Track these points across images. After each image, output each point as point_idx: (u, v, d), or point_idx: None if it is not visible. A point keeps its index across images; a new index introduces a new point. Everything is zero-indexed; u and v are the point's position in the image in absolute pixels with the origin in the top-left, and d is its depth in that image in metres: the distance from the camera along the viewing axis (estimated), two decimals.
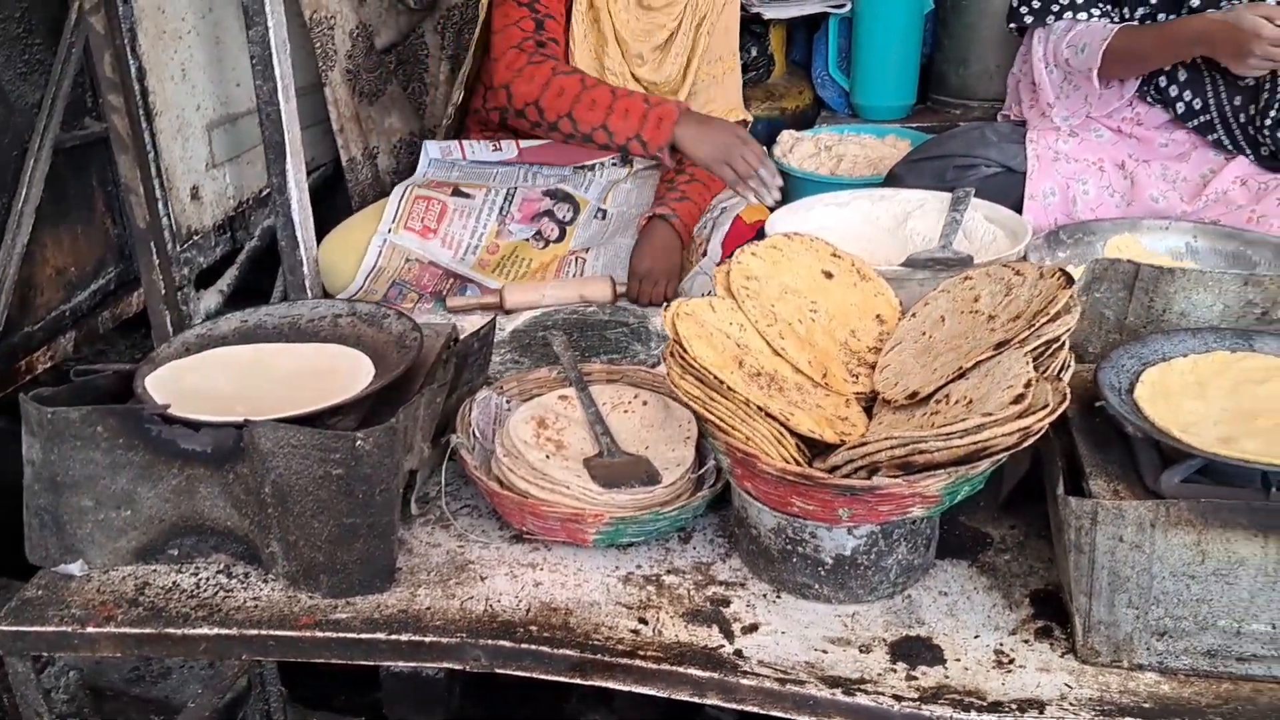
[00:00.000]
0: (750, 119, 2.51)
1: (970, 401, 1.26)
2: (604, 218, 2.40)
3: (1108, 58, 2.12)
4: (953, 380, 1.33)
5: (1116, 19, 2.20)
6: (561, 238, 2.36)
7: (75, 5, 1.81)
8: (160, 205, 1.92)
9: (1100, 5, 2.21)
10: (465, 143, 2.33)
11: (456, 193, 2.32)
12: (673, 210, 2.21)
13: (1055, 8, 2.23)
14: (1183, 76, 2.17)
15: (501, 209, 2.33)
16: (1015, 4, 2.29)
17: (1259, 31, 1.91)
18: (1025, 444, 1.22)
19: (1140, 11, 2.17)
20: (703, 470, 1.53)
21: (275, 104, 2.05)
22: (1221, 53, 2.01)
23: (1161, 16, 2.15)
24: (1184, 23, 2.07)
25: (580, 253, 2.33)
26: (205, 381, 1.53)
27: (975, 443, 1.18)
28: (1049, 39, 2.25)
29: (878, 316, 1.55)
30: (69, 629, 1.35)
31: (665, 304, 1.46)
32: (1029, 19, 2.26)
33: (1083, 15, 2.20)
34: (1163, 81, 2.20)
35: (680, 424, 1.60)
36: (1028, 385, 1.21)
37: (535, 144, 2.35)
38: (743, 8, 3.11)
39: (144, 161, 1.83)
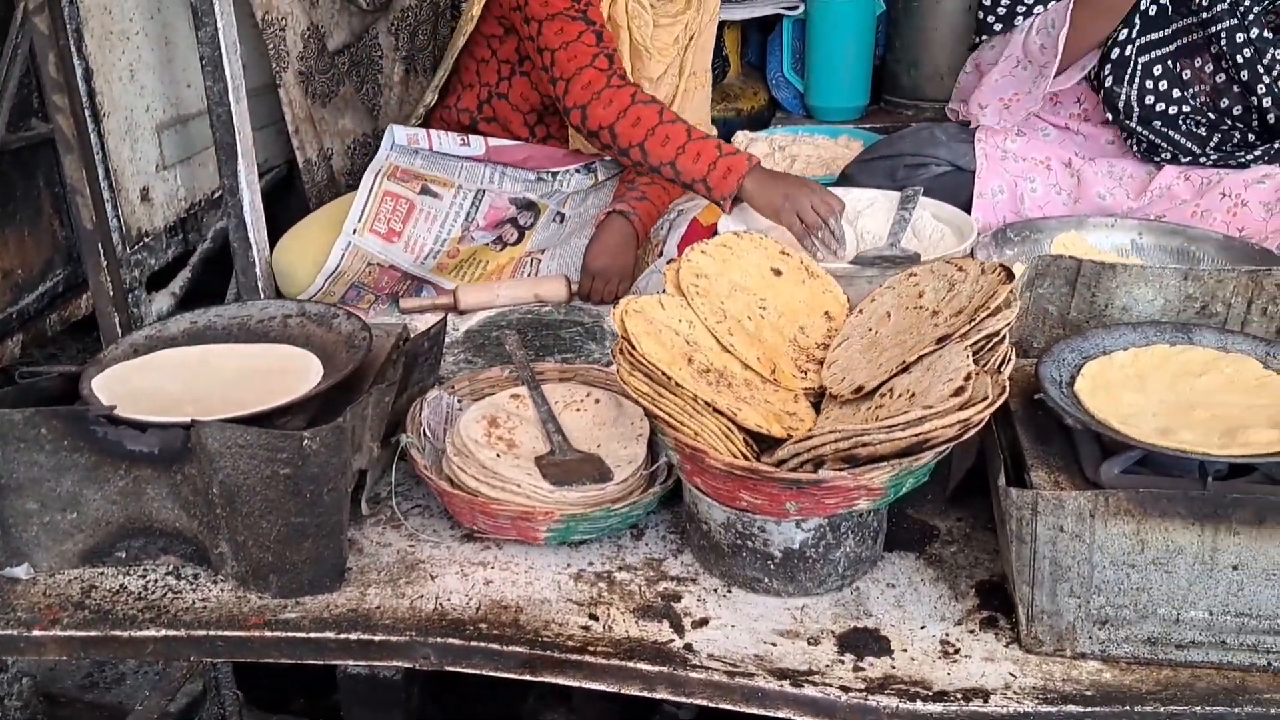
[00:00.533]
0: (715, 132, 2.52)
1: (913, 395, 1.28)
2: (562, 221, 2.40)
3: (1074, 20, 2.10)
4: (896, 375, 1.34)
5: None
6: (520, 241, 2.36)
7: (20, 6, 1.79)
8: (108, 206, 1.90)
9: None
10: (433, 133, 2.32)
11: (425, 190, 2.30)
12: (631, 208, 2.21)
13: (1020, 9, 2.24)
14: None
15: (468, 214, 2.32)
16: (981, 15, 2.30)
17: None
18: (965, 436, 1.24)
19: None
20: (654, 467, 1.54)
21: (226, 105, 2.04)
22: None
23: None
24: None
25: (536, 254, 2.33)
26: (153, 383, 1.52)
27: (917, 435, 1.20)
28: (1019, 40, 2.24)
29: (826, 313, 1.57)
30: (14, 633, 1.33)
31: (615, 301, 1.47)
32: (998, 26, 2.27)
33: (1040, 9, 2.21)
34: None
35: (632, 421, 1.61)
36: (968, 378, 1.23)
37: (504, 144, 2.35)
38: None
39: (90, 162, 1.82)
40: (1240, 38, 2.10)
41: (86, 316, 2.12)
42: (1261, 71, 2.10)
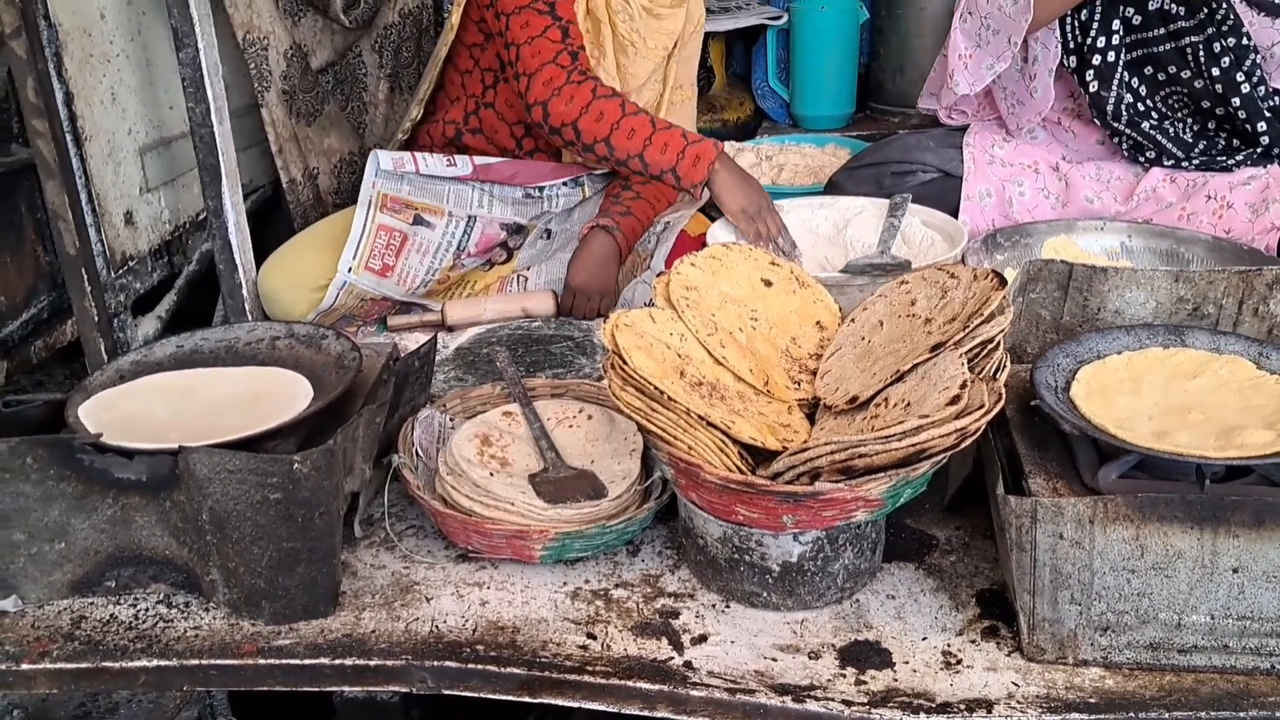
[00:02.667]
0: None
1: (908, 404, 1.27)
2: (549, 237, 2.39)
3: None
4: (891, 384, 1.33)
5: None
6: (508, 260, 2.35)
7: None
8: (91, 231, 1.88)
9: None
10: (419, 155, 2.29)
11: (418, 220, 2.28)
12: (615, 223, 2.19)
13: None
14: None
15: (460, 244, 2.30)
16: None
17: None
18: (963, 444, 1.23)
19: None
20: (649, 482, 1.52)
21: (209, 126, 2.03)
22: None
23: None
24: None
25: (522, 271, 2.32)
26: (140, 409, 1.51)
27: (914, 444, 1.19)
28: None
29: (818, 323, 1.56)
30: (3, 666, 1.31)
31: (601, 317, 1.46)
32: None
33: None
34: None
35: (625, 437, 1.59)
36: (963, 386, 1.22)
37: (489, 161, 2.34)
38: None
39: (73, 187, 1.80)
40: (1217, 46, 2.10)
41: (72, 342, 2.10)
42: (1241, 80, 2.10)
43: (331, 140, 2.57)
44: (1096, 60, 2.17)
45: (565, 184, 2.41)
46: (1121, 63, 2.17)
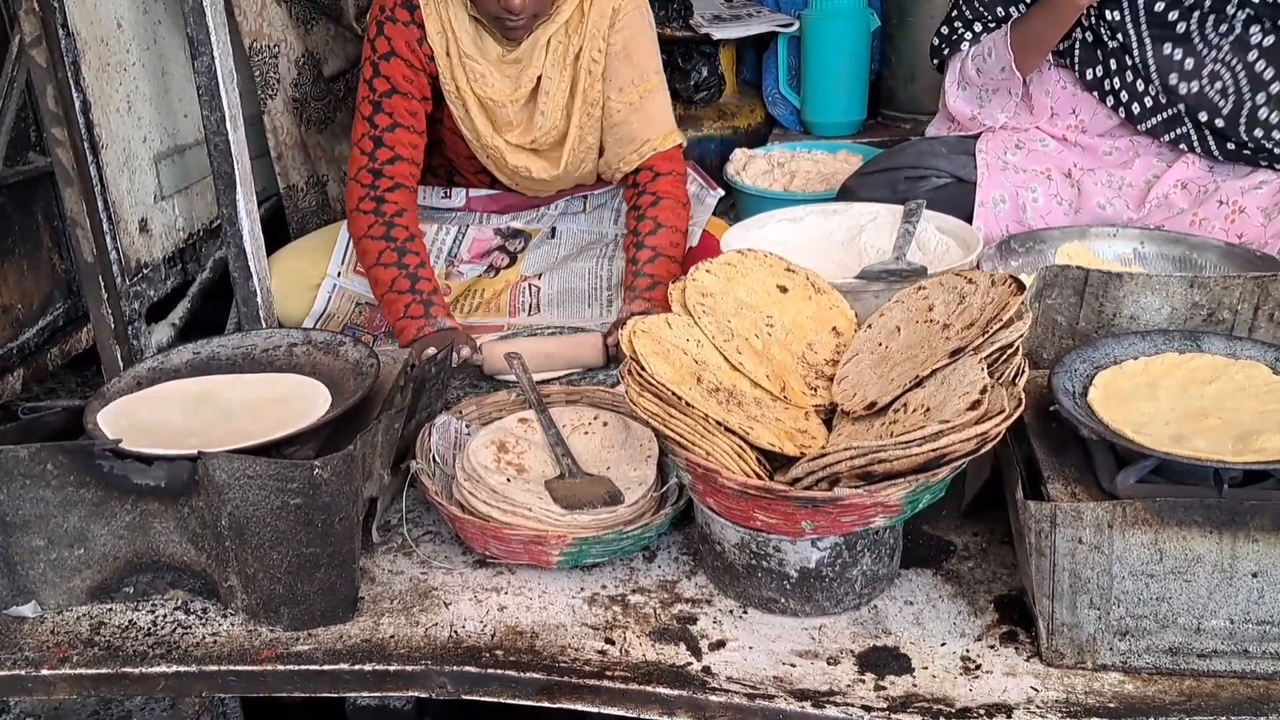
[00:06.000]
0: (684, 142, 2.30)
1: (927, 409, 1.27)
2: (554, 235, 2.38)
3: (1015, 50, 2.19)
4: (910, 389, 1.33)
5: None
6: (513, 264, 2.35)
7: (15, 39, 1.79)
8: (108, 239, 1.89)
9: (991, 14, 2.27)
10: (419, 188, 2.31)
11: None
12: (648, 304, 2.04)
13: (960, 31, 2.31)
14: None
15: (450, 251, 2.31)
16: (935, 44, 2.39)
17: None
18: (983, 450, 1.23)
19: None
20: (665, 488, 1.52)
21: (223, 134, 2.03)
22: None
23: None
24: None
25: (532, 279, 2.31)
26: (158, 415, 1.51)
27: (934, 450, 1.19)
28: (959, 65, 2.34)
29: (834, 329, 1.56)
30: (22, 672, 1.32)
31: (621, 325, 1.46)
32: (945, 51, 2.35)
33: (977, 27, 2.29)
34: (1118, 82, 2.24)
35: (641, 443, 1.60)
36: (983, 391, 1.22)
37: (484, 193, 2.34)
38: (690, 29, 3.14)
39: (90, 195, 1.81)
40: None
41: (87, 350, 2.11)
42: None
43: (342, 147, 2.58)
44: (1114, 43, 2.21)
45: (566, 199, 2.40)
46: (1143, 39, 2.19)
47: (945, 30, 2.37)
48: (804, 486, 1.26)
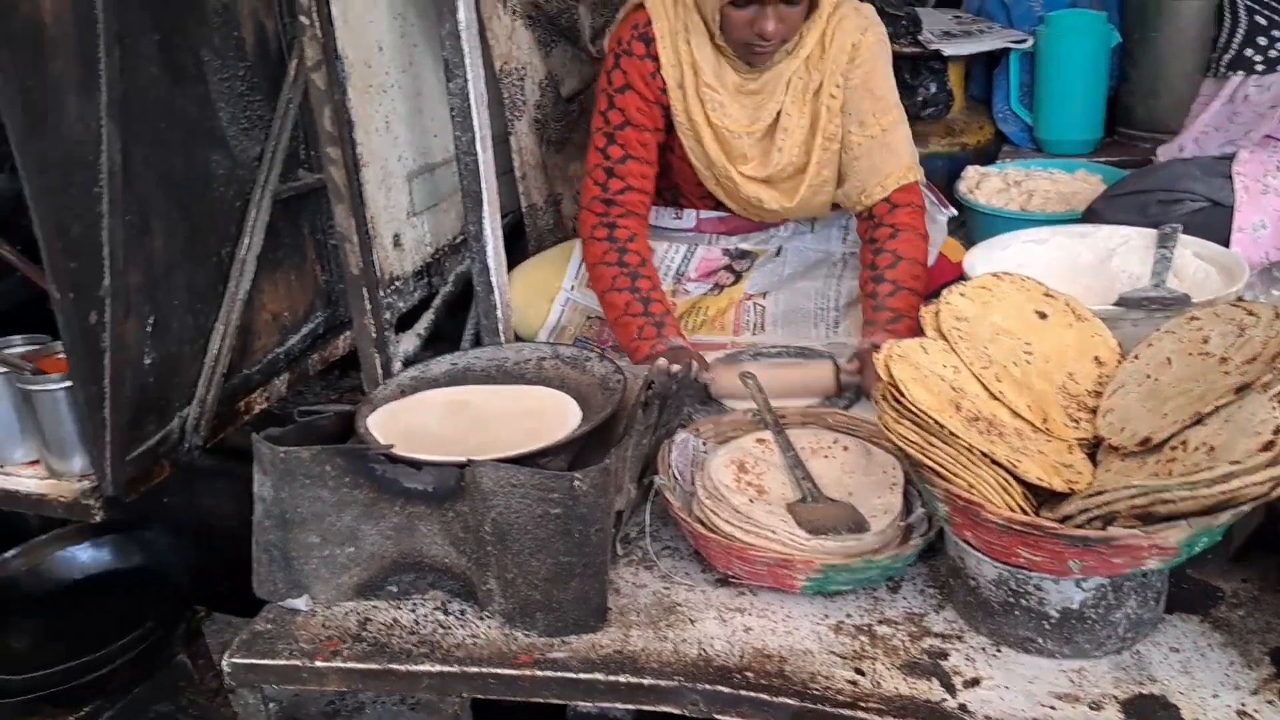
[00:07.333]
0: (921, 178, 2.20)
1: (1211, 449, 1.20)
2: (779, 253, 2.38)
3: None
4: (1189, 426, 1.27)
5: None
6: (737, 283, 2.36)
7: (294, 63, 1.92)
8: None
9: None
10: (651, 208, 2.35)
11: None
12: (891, 335, 1.94)
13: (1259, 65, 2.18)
14: None
15: (679, 269, 2.34)
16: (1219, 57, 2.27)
17: None
18: (1273, 494, 1.16)
19: None
20: (911, 518, 1.49)
21: (474, 154, 2.12)
22: None
23: None
24: None
25: (757, 297, 2.31)
26: (419, 422, 1.59)
27: (1223, 492, 1.12)
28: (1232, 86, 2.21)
29: (1096, 358, 1.50)
30: (298, 662, 1.40)
31: (875, 348, 1.44)
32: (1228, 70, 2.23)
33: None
34: None
35: (884, 470, 1.57)
36: (1276, 432, 1.15)
37: (713, 215, 2.35)
38: (920, 44, 3.08)
39: (359, 211, 1.92)
40: None
41: (343, 357, 2.23)
42: None
43: (577, 166, 2.65)
44: None
45: (794, 222, 2.39)
46: None
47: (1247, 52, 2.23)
48: (1075, 524, 1.21)
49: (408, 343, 2.28)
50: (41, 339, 1.89)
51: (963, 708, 1.24)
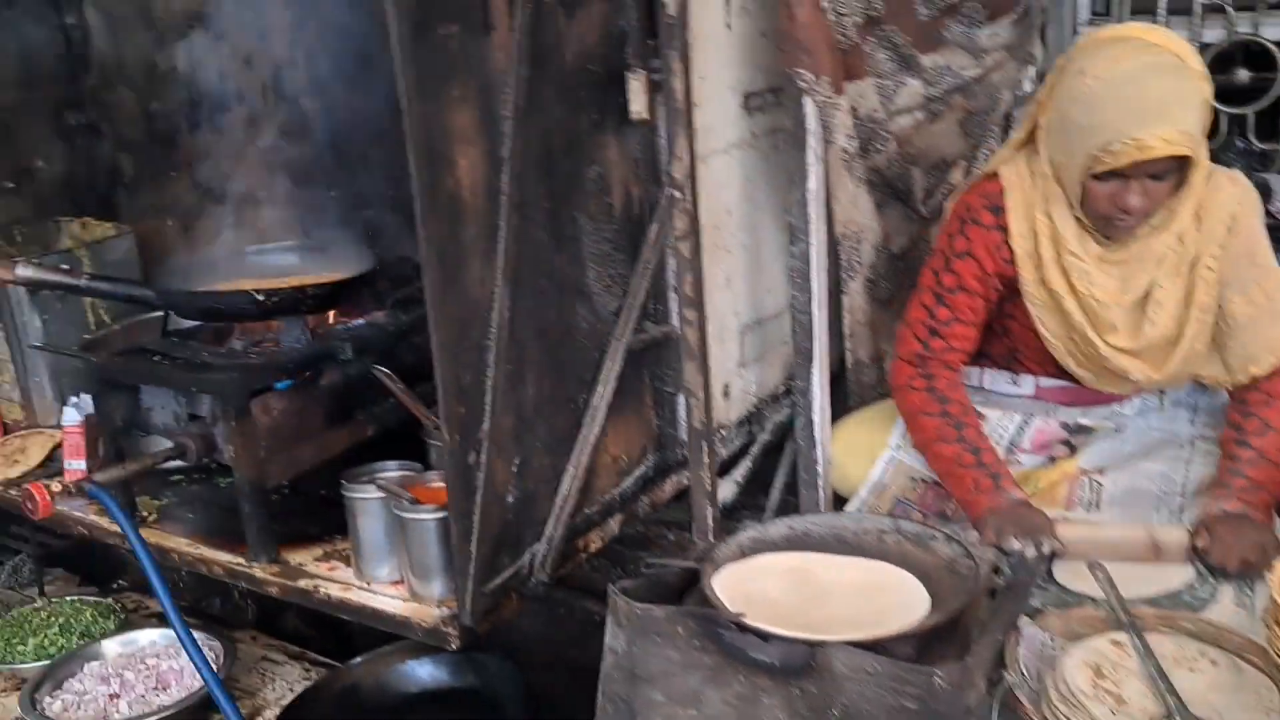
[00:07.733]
0: None
1: None
2: (1119, 429, 2.28)
3: None
4: None
5: None
6: (1071, 456, 2.27)
7: (654, 227, 2.04)
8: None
9: None
10: (984, 371, 2.32)
11: None
12: (1244, 505, 1.93)
13: None
14: None
15: (1012, 439, 2.28)
16: None
17: None
18: None
19: None
20: None
21: (809, 312, 2.18)
22: None
23: None
24: None
25: (1094, 474, 2.21)
26: (761, 589, 1.61)
27: None
28: None
29: None
30: None
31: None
32: None
33: None
34: None
35: (1258, 691, 1.45)
36: None
37: (1055, 384, 2.29)
38: (1272, 215, 2.91)
39: (706, 368, 2.01)
40: None
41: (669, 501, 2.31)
42: None
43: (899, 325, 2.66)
44: None
45: (1141, 397, 2.28)
46: None
47: None
48: None
49: (725, 489, 2.34)
50: (414, 466, 2.06)
51: None
